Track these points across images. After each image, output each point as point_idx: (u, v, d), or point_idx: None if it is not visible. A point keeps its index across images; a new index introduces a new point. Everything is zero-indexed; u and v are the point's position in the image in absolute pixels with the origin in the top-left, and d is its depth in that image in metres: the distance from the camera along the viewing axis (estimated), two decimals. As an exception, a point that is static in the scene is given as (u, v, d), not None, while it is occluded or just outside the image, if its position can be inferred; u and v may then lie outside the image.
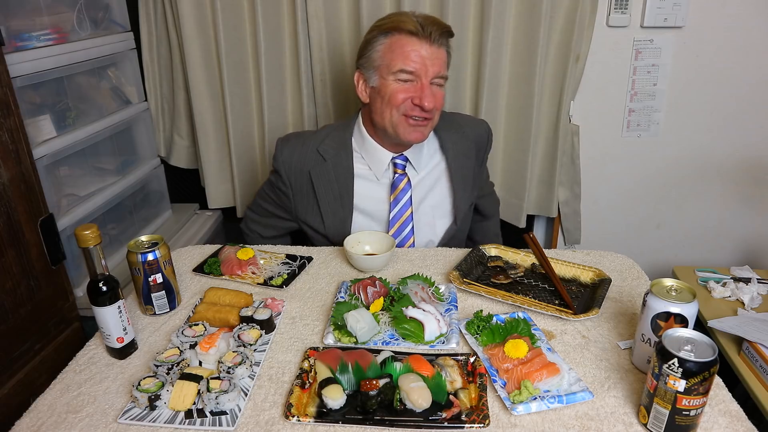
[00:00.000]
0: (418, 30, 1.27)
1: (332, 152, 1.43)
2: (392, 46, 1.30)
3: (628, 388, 0.89)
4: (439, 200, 1.49)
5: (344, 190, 1.42)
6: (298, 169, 1.42)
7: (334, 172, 1.42)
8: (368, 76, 1.36)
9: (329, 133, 1.46)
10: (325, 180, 1.42)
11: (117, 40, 1.75)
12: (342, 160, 1.43)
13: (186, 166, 2.12)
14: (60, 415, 0.86)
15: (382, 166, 1.43)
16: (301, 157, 1.42)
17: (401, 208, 1.42)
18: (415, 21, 1.29)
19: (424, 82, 1.30)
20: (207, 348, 0.93)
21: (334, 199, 1.42)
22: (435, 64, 1.30)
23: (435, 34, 1.28)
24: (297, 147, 1.43)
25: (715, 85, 1.85)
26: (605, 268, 1.24)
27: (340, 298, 1.12)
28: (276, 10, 1.78)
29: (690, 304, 0.87)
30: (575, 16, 1.69)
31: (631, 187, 2.02)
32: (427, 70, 1.29)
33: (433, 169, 1.48)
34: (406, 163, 1.44)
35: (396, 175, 1.43)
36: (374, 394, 0.83)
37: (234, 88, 1.87)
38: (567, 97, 1.80)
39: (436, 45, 1.29)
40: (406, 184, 1.42)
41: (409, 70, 1.29)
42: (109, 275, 0.96)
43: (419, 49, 1.28)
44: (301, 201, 1.46)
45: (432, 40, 1.28)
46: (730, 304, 1.65)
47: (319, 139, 1.44)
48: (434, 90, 1.31)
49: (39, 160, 1.36)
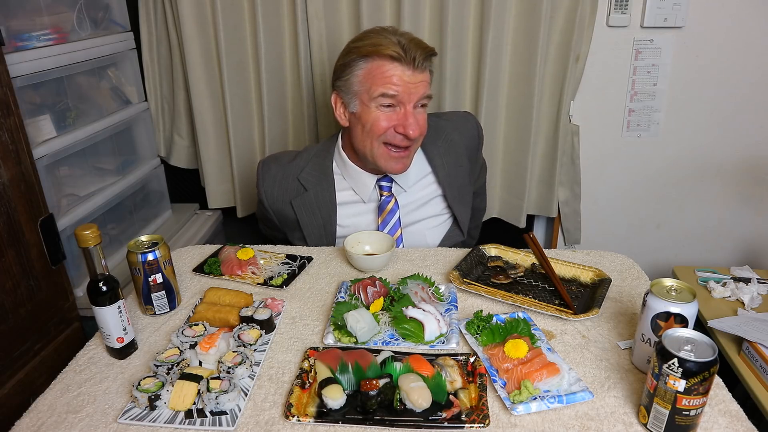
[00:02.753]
0: (400, 55, 1.20)
1: (313, 181, 1.39)
2: (372, 71, 1.23)
3: (628, 388, 0.89)
4: (434, 217, 1.45)
5: (327, 221, 1.39)
6: (281, 200, 1.40)
7: (317, 201, 1.38)
8: (347, 101, 1.29)
9: (310, 160, 1.41)
10: (308, 210, 1.38)
11: (117, 40, 1.75)
12: (324, 189, 1.38)
13: (186, 166, 2.12)
14: (60, 415, 0.86)
15: (368, 189, 1.39)
16: (282, 187, 1.39)
17: (390, 230, 1.39)
18: (396, 44, 1.21)
19: (408, 108, 1.24)
20: (207, 348, 0.93)
21: (317, 228, 1.40)
22: (420, 87, 1.23)
23: (419, 58, 1.21)
24: (278, 177, 1.39)
25: (715, 85, 1.85)
26: (605, 268, 1.24)
27: (340, 298, 1.12)
28: (276, 10, 1.78)
29: (690, 304, 0.87)
30: (575, 16, 1.69)
31: (631, 187, 2.02)
32: (410, 96, 1.23)
33: (423, 187, 1.44)
34: (392, 184, 1.40)
35: (382, 197, 1.39)
36: (374, 394, 0.83)
37: (234, 88, 1.87)
38: (567, 97, 1.80)
39: (420, 69, 1.23)
40: (393, 205, 1.38)
41: (390, 94, 1.22)
42: (109, 275, 0.96)
43: (401, 74, 1.21)
44: (286, 227, 1.45)
45: (415, 66, 1.21)
46: (730, 304, 1.65)
47: (299, 168, 1.39)
48: (418, 115, 1.26)
49: (39, 160, 1.36)
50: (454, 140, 1.45)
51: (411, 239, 1.43)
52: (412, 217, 1.43)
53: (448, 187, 1.44)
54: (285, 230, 1.47)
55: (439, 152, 1.43)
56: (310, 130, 1.96)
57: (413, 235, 1.43)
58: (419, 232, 1.44)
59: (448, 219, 1.49)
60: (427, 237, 1.45)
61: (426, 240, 1.44)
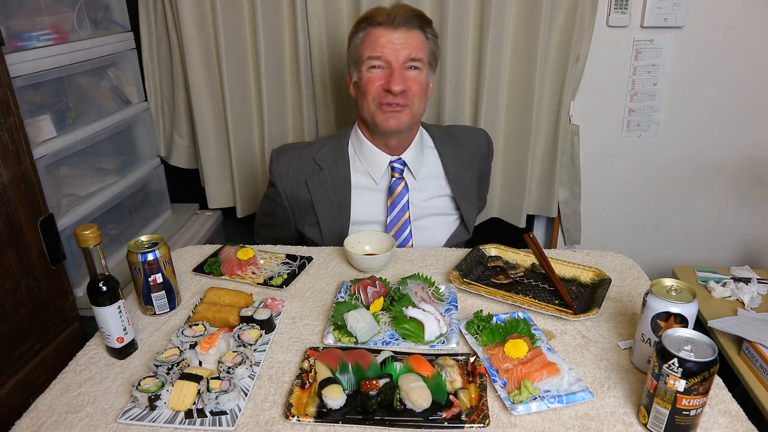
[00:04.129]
0: (384, 19, 1.29)
1: (329, 161, 1.43)
2: (365, 39, 1.33)
3: (628, 388, 0.89)
4: (443, 216, 1.48)
5: (342, 200, 1.42)
6: (295, 180, 1.42)
7: (331, 181, 1.41)
8: (352, 73, 1.40)
9: (325, 142, 1.47)
10: (322, 189, 1.41)
11: (117, 40, 1.75)
12: (339, 168, 1.42)
13: (186, 166, 2.12)
14: (60, 415, 0.86)
15: (380, 170, 1.42)
16: (298, 167, 1.42)
17: (398, 212, 1.42)
18: (384, 11, 1.31)
19: (394, 67, 1.30)
20: (207, 348, 0.93)
21: (331, 209, 1.41)
22: (405, 47, 1.29)
23: (399, 17, 1.28)
24: (293, 157, 1.43)
25: (715, 85, 1.85)
26: (605, 268, 1.24)
27: (340, 298, 1.12)
28: (276, 10, 1.78)
29: (690, 304, 0.87)
30: (575, 16, 1.69)
31: (631, 187, 2.02)
32: (397, 55, 1.29)
33: (432, 179, 1.47)
34: (404, 168, 1.43)
35: (393, 179, 1.43)
36: (374, 394, 0.83)
37: (234, 88, 1.87)
38: (567, 97, 1.80)
39: (404, 28, 1.29)
40: (403, 188, 1.42)
41: (376, 56, 1.30)
42: (109, 275, 0.96)
43: (387, 35, 1.29)
44: (298, 212, 1.46)
45: (396, 25, 1.28)
46: (730, 304, 1.65)
47: (315, 149, 1.44)
48: (406, 74, 1.31)
49: (39, 160, 1.36)
50: (464, 144, 1.52)
51: (420, 235, 1.45)
52: (421, 210, 1.45)
53: (456, 186, 1.48)
54: (297, 218, 1.47)
55: (450, 152, 1.49)
56: (310, 130, 1.96)
57: (422, 231, 1.45)
58: (428, 228, 1.46)
59: (456, 219, 1.51)
60: (436, 234, 1.47)
61: (435, 236, 1.47)
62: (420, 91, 1.34)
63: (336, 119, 1.94)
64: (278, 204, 1.46)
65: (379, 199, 1.44)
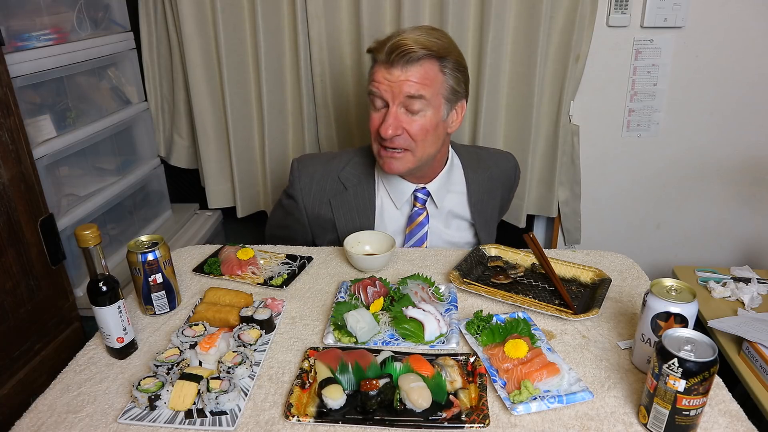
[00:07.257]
0: (385, 58, 1.20)
1: (354, 180, 1.37)
2: (371, 70, 1.26)
3: (628, 388, 0.89)
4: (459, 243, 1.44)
5: (364, 222, 1.37)
6: (318, 198, 1.36)
7: (355, 201, 1.36)
8: None
9: (350, 160, 1.39)
10: (345, 210, 1.36)
11: (117, 40, 1.75)
12: (364, 189, 1.36)
13: (186, 166, 2.12)
14: (60, 415, 0.86)
15: (403, 197, 1.38)
16: (321, 184, 1.36)
17: (416, 241, 1.39)
18: (384, 43, 1.20)
19: (391, 108, 1.22)
20: (207, 348, 0.93)
21: (353, 230, 1.35)
22: (400, 86, 1.19)
23: (395, 55, 1.18)
24: (317, 175, 1.37)
25: (715, 85, 1.85)
26: (605, 268, 1.24)
27: (340, 298, 1.12)
28: (276, 10, 1.78)
29: (690, 304, 0.87)
30: (575, 16, 1.69)
31: (631, 187, 2.02)
32: (392, 95, 1.21)
33: (455, 208, 1.42)
34: (427, 198, 1.38)
35: (415, 209, 1.39)
36: (374, 394, 0.83)
37: (234, 88, 1.87)
38: (567, 97, 1.80)
39: (399, 67, 1.19)
40: (424, 218, 1.38)
41: (373, 92, 1.23)
42: (109, 275, 0.96)
43: (386, 73, 1.20)
44: (317, 228, 1.41)
45: (391, 63, 1.19)
46: (730, 304, 1.65)
47: (340, 165, 1.38)
48: (404, 115, 1.22)
49: (39, 160, 1.36)
50: (493, 175, 1.46)
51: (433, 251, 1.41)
52: (439, 240, 1.41)
53: (479, 217, 1.43)
54: (315, 234, 1.43)
55: (477, 180, 1.43)
56: (310, 130, 1.96)
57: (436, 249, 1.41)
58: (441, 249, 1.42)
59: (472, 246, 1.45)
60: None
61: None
62: (423, 133, 1.24)
63: (336, 119, 1.94)
64: (296, 219, 1.42)
65: (400, 224, 1.40)
